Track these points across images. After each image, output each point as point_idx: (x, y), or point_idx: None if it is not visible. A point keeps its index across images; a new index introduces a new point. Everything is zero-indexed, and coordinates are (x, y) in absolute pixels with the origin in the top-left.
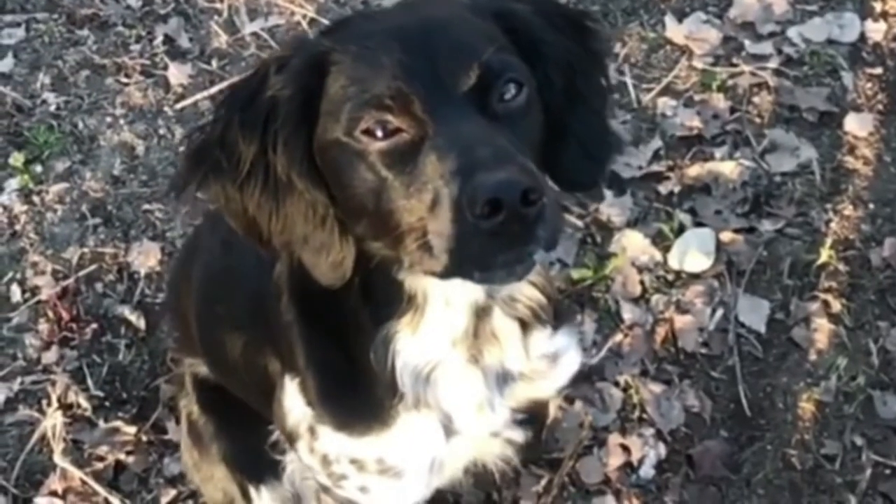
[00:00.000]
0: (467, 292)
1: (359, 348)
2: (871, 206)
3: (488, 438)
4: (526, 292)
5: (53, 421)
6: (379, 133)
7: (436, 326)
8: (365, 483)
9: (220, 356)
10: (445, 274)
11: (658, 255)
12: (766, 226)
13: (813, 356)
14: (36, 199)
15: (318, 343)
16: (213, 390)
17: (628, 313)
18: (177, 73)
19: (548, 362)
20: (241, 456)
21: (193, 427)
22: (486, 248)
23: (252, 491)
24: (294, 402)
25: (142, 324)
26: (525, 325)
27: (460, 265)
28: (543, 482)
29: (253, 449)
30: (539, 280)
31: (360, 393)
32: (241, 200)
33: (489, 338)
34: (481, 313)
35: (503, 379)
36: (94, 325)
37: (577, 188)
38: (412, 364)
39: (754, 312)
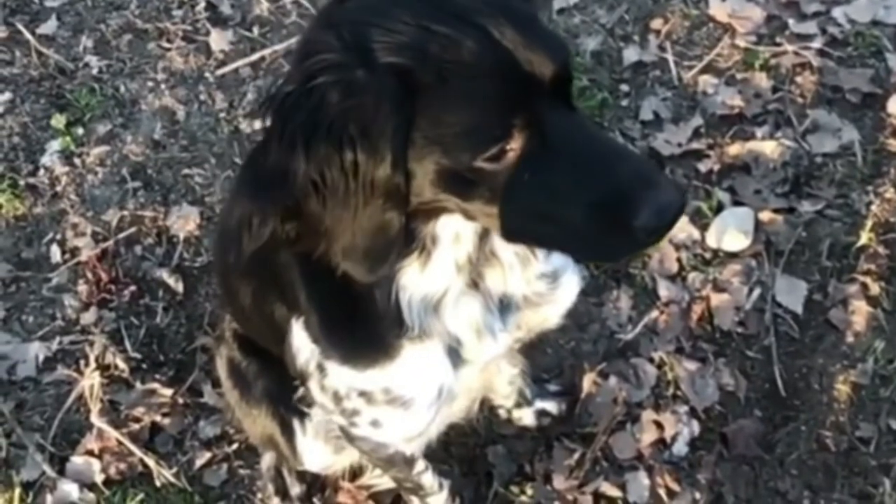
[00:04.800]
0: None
1: (359, 285)
2: None
3: (495, 365)
4: None
5: (91, 381)
6: (496, 155)
7: (444, 260)
8: (376, 416)
9: (238, 306)
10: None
11: (696, 233)
12: (806, 206)
13: (850, 338)
14: (77, 161)
15: (317, 279)
16: (253, 340)
17: (665, 290)
18: (218, 40)
19: (548, 283)
20: (284, 393)
21: (235, 370)
22: (626, 248)
23: (296, 424)
24: (302, 342)
25: (180, 287)
26: None
27: (585, 256)
28: (576, 456)
29: (296, 386)
30: None
31: (362, 325)
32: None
33: (489, 258)
34: (483, 235)
35: (506, 306)
36: (133, 288)
37: None
38: (419, 296)
39: (792, 293)
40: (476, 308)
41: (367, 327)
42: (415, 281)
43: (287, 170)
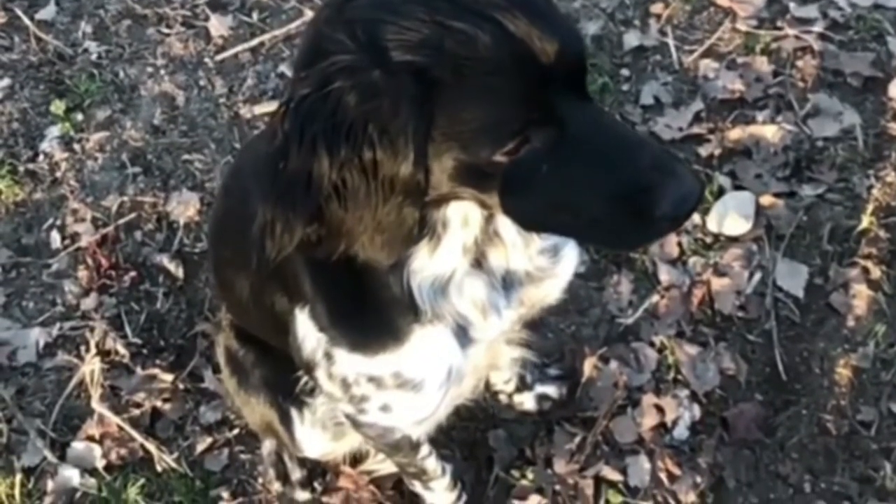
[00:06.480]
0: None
1: (368, 272)
2: None
3: (499, 342)
4: None
5: (91, 367)
6: (515, 149)
7: (453, 243)
8: (386, 401)
9: (234, 299)
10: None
11: (697, 218)
12: (807, 190)
13: (851, 322)
14: (77, 146)
15: (323, 268)
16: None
17: (665, 275)
18: (217, 25)
19: (549, 256)
20: (282, 381)
21: (233, 358)
22: (645, 237)
23: (294, 413)
24: (307, 332)
25: (180, 273)
26: None
27: (603, 244)
28: (577, 440)
29: (294, 374)
30: None
31: (371, 311)
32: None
33: (492, 238)
34: (489, 217)
35: (510, 283)
36: (133, 273)
37: None
38: (429, 280)
39: (793, 277)
40: (481, 287)
41: (376, 313)
42: (425, 265)
43: (309, 176)
